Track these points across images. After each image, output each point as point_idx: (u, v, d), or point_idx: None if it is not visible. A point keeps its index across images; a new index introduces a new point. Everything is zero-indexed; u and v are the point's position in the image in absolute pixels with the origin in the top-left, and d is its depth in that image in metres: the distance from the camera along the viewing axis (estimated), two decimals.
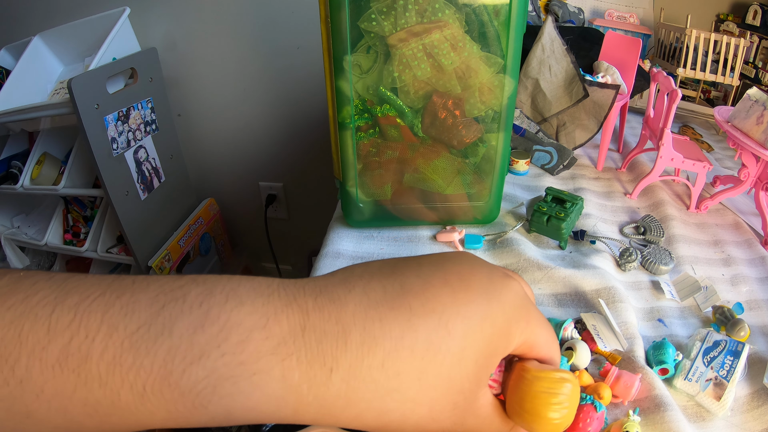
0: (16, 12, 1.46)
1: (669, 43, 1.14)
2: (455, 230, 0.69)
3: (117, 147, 1.26)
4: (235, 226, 1.83)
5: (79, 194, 1.48)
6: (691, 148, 0.80)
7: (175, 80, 1.46)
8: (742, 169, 0.73)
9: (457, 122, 0.61)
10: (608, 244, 0.68)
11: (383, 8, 0.54)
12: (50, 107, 1.25)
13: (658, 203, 0.78)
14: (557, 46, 0.84)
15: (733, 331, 0.54)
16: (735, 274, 0.66)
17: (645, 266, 0.65)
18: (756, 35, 1.12)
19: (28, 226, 1.75)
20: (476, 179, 0.67)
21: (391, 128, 0.62)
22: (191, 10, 1.33)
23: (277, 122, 1.51)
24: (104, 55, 1.23)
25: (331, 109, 0.61)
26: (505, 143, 0.64)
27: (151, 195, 1.42)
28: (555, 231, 0.67)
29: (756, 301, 0.61)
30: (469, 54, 0.57)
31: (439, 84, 0.59)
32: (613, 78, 0.85)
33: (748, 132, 0.71)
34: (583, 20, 1.21)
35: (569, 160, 0.86)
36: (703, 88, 1.19)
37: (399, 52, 0.56)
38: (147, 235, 1.42)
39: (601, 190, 0.83)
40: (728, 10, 1.21)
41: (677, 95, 0.71)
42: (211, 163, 1.65)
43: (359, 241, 0.69)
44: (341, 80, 0.57)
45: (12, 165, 1.55)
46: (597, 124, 0.84)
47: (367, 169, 0.65)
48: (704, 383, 0.48)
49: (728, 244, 0.72)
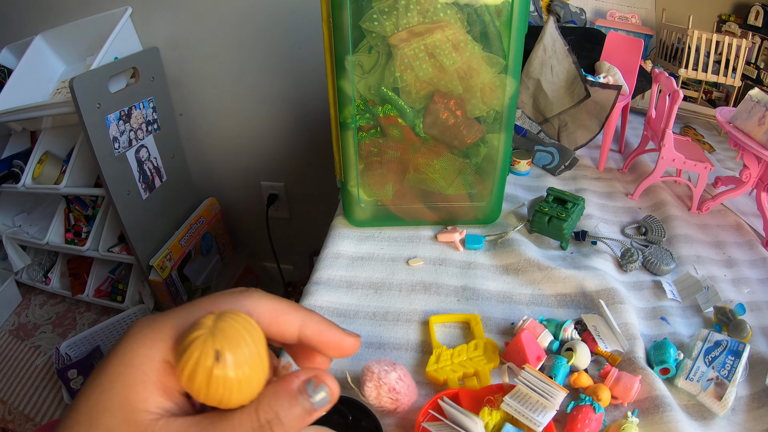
0: (18, 11, 1.46)
1: (671, 43, 1.14)
2: (456, 230, 0.69)
3: (118, 146, 1.26)
4: (237, 226, 1.83)
5: (80, 193, 1.48)
6: (693, 149, 0.80)
7: (177, 79, 1.46)
8: (744, 170, 0.73)
9: (459, 122, 0.61)
10: (610, 245, 0.68)
11: (385, 8, 0.54)
12: (52, 106, 1.26)
13: (659, 204, 0.78)
14: (559, 46, 0.84)
15: (735, 332, 0.54)
16: (736, 275, 0.66)
17: (646, 267, 0.65)
18: (758, 36, 1.12)
19: (29, 225, 1.75)
20: (477, 179, 0.67)
21: (393, 128, 0.62)
22: (193, 9, 1.33)
23: (279, 122, 1.51)
24: (106, 54, 1.23)
25: (333, 108, 0.61)
26: (507, 143, 0.64)
27: (152, 194, 1.43)
28: (556, 231, 0.67)
29: (757, 302, 0.61)
30: (471, 54, 0.57)
31: (441, 84, 0.59)
32: (615, 78, 0.85)
33: (749, 133, 0.71)
34: (584, 20, 1.21)
35: (571, 160, 0.86)
36: (705, 88, 1.19)
37: (401, 52, 0.56)
38: (148, 234, 1.42)
39: (603, 191, 0.83)
40: (730, 10, 1.21)
41: (679, 96, 0.71)
42: (212, 163, 1.65)
43: (360, 241, 0.69)
44: (343, 80, 0.57)
45: (14, 164, 1.56)
46: (598, 125, 0.84)
47: (369, 169, 0.65)
48: (705, 383, 0.48)
49: (730, 245, 0.71)
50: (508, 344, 0.52)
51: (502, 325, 0.56)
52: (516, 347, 0.50)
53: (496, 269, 0.65)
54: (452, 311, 0.58)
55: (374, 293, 0.61)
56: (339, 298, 0.60)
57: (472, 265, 0.65)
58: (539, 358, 0.50)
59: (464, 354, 0.51)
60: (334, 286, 0.62)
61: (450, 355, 0.51)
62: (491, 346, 0.52)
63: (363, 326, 0.56)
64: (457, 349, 0.52)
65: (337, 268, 0.64)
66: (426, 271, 0.64)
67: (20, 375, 1.64)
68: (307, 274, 0.69)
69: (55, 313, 1.87)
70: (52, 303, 1.91)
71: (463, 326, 0.57)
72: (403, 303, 0.59)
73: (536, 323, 0.54)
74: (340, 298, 0.60)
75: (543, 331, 0.53)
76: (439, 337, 0.55)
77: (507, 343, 0.53)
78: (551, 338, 0.53)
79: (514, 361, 0.50)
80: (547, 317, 0.56)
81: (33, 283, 1.86)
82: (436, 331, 0.56)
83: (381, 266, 0.65)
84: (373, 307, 0.59)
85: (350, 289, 0.62)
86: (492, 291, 0.61)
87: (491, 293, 0.61)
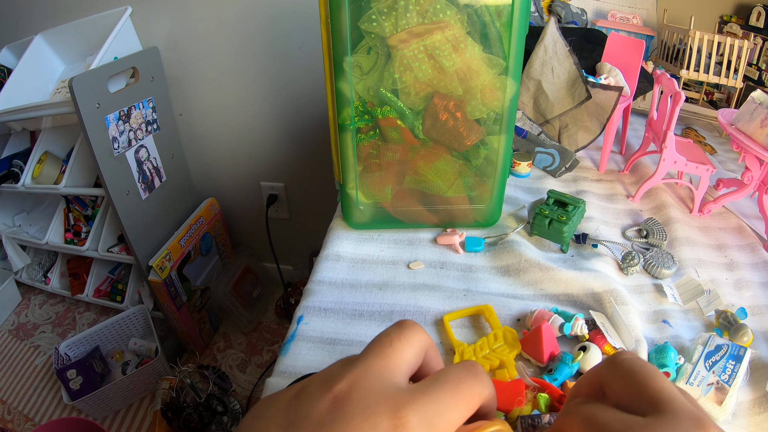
0: (18, 11, 1.46)
1: (672, 44, 1.14)
2: (456, 233, 0.68)
3: (118, 146, 1.26)
4: (236, 226, 1.83)
5: (80, 193, 1.48)
6: (695, 151, 0.79)
7: (177, 79, 1.46)
8: (746, 172, 0.73)
9: (459, 124, 0.60)
10: (610, 248, 0.68)
11: (384, 9, 0.53)
12: (51, 106, 1.25)
13: (660, 206, 0.77)
14: (560, 47, 0.84)
15: (737, 336, 0.54)
16: (738, 278, 0.65)
17: (647, 270, 0.65)
18: (759, 37, 1.11)
19: (29, 224, 1.75)
20: (477, 181, 0.66)
21: (392, 130, 0.61)
22: (193, 9, 1.32)
23: (279, 122, 1.50)
24: (106, 54, 1.23)
25: (332, 110, 0.60)
26: (507, 145, 0.63)
27: (152, 194, 1.42)
28: (557, 234, 0.66)
29: (759, 306, 0.61)
30: (471, 55, 0.57)
31: (441, 85, 0.58)
32: (616, 80, 0.84)
33: (751, 135, 0.71)
34: (586, 21, 1.20)
35: (571, 162, 0.85)
36: (707, 90, 1.19)
37: (400, 53, 0.56)
38: (148, 234, 1.42)
39: (604, 193, 0.82)
40: (732, 11, 1.20)
41: (680, 97, 0.70)
42: (212, 163, 1.65)
43: (359, 243, 0.69)
44: (341, 81, 0.57)
45: (13, 164, 1.56)
46: (600, 126, 0.84)
47: (368, 171, 0.65)
48: (706, 387, 0.47)
49: (731, 248, 0.71)
50: (525, 333, 0.52)
51: (509, 323, 0.56)
52: (534, 338, 0.50)
53: (497, 271, 0.64)
54: (460, 309, 0.58)
55: (378, 290, 0.61)
56: (343, 297, 0.60)
57: (473, 268, 0.65)
58: (552, 354, 0.50)
59: (486, 347, 0.52)
60: (337, 286, 0.62)
61: (473, 350, 0.51)
62: (510, 335, 0.53)
63: (369, 327, 0.56)
64: (478, 344, 0.52)
65: (337, 271, 0.64)
66: (427, 274, 0.63)
67: (19, 375, 1.64)
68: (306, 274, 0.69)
69: (55, 313, 1.87)
70: (52, 303, 1.91)
71: (474, 322, 0.57)
72: (409, 300, 0.59)
73: (545, 311, 0.54)
74: (344, 298, 0.60)
75: (553, 316, 0.53)
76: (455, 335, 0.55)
77: (525, 332, 0.53)
78: (562, 320, 0.53)
79: (531, 351, 0.50)
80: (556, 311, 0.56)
81: (32, 282, 1.86)
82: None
83: (382, 269, 0.65)
84: (378, 305, 0.58)
85: (353, 289, 0.61)
86: (494, 292, 0.61)
87: (494, 294, 0.60)
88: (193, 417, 1.27)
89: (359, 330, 0.56)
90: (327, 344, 0.54)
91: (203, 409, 1.30)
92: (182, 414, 1.28)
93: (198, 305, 1.62)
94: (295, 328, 0.56)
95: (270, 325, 1.78)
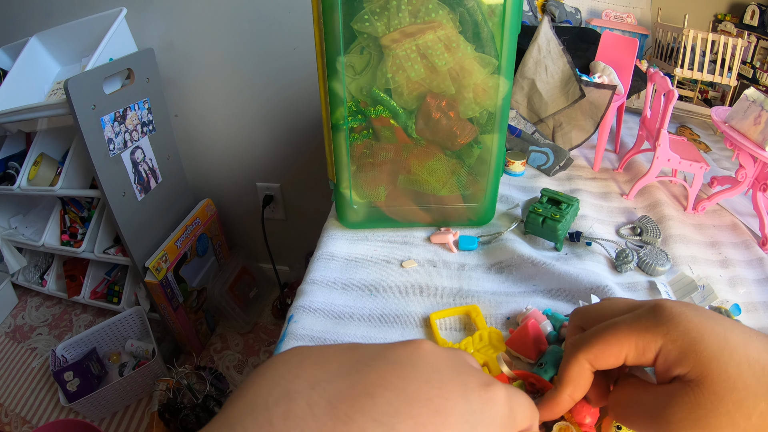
0: (13, 12, 1.46)
1: (666, 43, 1.14)
2: (450, 231, 0.68)
3: (114, 148, 1.26)
4: (232, 227, 1.83)
5: (76, 195, 1.48)
6: (689, 149, 0.79)
7: (172, 81, 1.46)
8: (740, 169, 0.73)
9: (452, 123, 0.60)
10: (604, 246, 0.68)
11: (376, 9, 0.53)
12: (47, 108, 1.25)
13: (654, 204, 0.78)
14: (554, 46, 0.84)
15: None
16: (732, 275, 0.65)
17: (641, 267, 0.65)
18: (754, 35, 1.12)
19: (25, 226, 1.75)
20: (471, 180, 0.66)
21: (385, 129, 0.61)
22: (188, 10, 1.32)
23: (275, 123, 1.50)
24: (101, 55, 1.23)
25: (325, 110, 0.60)
26: (500, 144, 0.63)
27: (148, 196, 1.42)
28: (550, 233, 0.66)
29: (753, 303, 0.61)
30: (463, 55, 0.57)
31: (433, 85, 0.58)
32: (610, 78, 0.85)
33: (745, 132, 0.71)
34: (580, 20, 1.21)
35: (565, 160, 0.85)
36: (701, 88, 1.19)
37: (392, 53, 0.56)
38: (144, 235, 1.42)
39: (598, 191, 0.82)
40: (726, 10, 1.21)
41: (674, 95, 0.70)
42: (208, 164, 1.65)
43: (353, 242, 0.69)
44: (334, 81, 0.57)
45: (9, 166, 1.55)
46: (593, 125, 0.84)
47: (361, 171, 0.65)
48: None
49: (726, 246, 0.71)
50: (513, 332, 0.52)
51: (499, 322, 0.56)
52: (522, 335, 0.50)
53: (490, 269, 0.64)
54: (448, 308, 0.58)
55: (369, 295, 0.60)
56: (333, 299, 0.60)
57: (467, 267, 0.65)
58: (541, 350, 0.50)
59: (471, 347, 0.52)
60: (329, 286, 0.62)
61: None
62: (495, 335, 0.53)
63: (359, 328, 0.56)
64: (462, 343, 0.52)
65: (330, 270, 0.64)
66: (420, 273, 0.63)
67: (16, 377, 1.63)
68: (303, 275, 0.69)
69: (51, 315, 1.86)
70: (48, 305, 1.91)
71: (462, 321, 0.57)
72: (399, 304, 0.59)
73: (539, 312, 0.54)
74: (334, 299, 0.60)
75: (544, 320, 0.53)
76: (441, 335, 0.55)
77: (512, 330, 0.53)
78: (551, 328, 0.53)
79: (519, 348, 0.51)
80: (549, 311, 0.56)
81: (29, 285, 1.85)
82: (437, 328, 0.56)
83: (375, 268, 0.65)
84: (368, 308, 0.59)
85: (345, 290, 0.61)
86: (487, 291, 0.61)
87: (486, 293, 0.60)
88: (190, 418, 1.27)
89: (348, 330, 0.56)
90: (315, 343, 0.54)
91: (200, 410, 1.29)
92: (179, 415, 1.28)
93: (195, 306, 1.62)
94: (285, 328, 0.56)
95: (267, 326, 1.78)
